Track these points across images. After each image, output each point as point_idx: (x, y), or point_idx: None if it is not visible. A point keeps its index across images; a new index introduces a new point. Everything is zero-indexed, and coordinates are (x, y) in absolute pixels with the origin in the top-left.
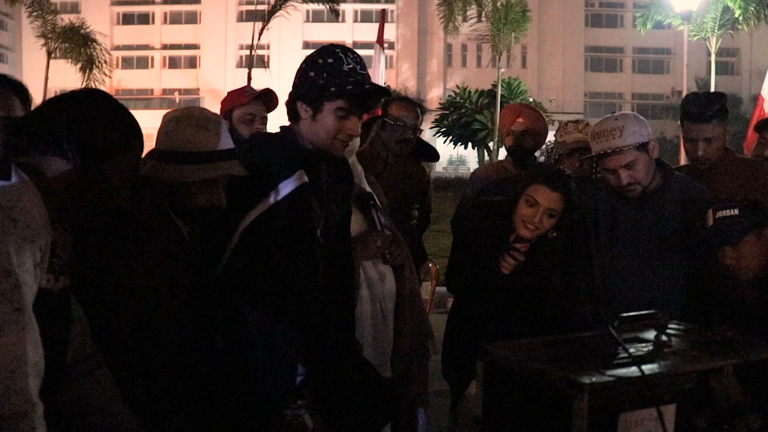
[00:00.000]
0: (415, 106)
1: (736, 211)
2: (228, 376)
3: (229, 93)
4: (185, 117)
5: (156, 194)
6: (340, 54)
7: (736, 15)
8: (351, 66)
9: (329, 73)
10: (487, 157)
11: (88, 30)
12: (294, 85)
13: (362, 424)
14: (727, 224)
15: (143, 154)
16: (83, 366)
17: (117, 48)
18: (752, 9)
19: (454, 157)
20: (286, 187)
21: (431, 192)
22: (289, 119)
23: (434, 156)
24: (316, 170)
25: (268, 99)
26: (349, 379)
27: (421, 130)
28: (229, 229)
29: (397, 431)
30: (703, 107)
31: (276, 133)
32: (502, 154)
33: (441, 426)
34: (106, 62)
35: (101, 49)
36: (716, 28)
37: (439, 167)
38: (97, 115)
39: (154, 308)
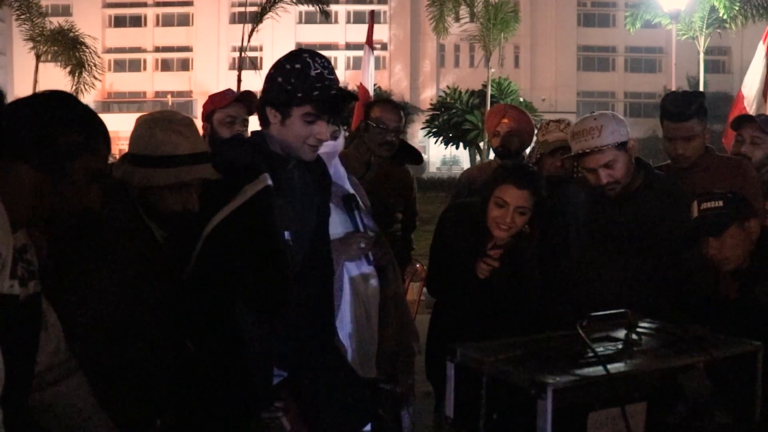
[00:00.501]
0: (397, 108)
1: (721, 203)
2: (204, 379)
3: (210, 96)
4: (157, 120)
5: (129, 198)
6: (307, 59)
7: (721, 14)
8: (318, 71)
9: (296, 78)
10: (478, 158)
11: (77, 33)
12: (263, 91)
13: (341, 425)
14: (712, 215)
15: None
16: (57, 371)
17: (109, 51)
18: (737, 8)
19: (447, 157)
20: (249, 191)
21: (416, 193)
22: (260, 124)
23: (417, 158)
24: (285, 173)
25: (248, 101)
26: (328, 379)
27: (404, 132)
28: (196, 233)
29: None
30: (682, 106)
31: (245, 137)
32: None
33: (426, 426)
34: (95, 65)
35: (90, 52)
36: (704, 27)
37: (433, 168)
38: (57, 117)
39: (128, 312)
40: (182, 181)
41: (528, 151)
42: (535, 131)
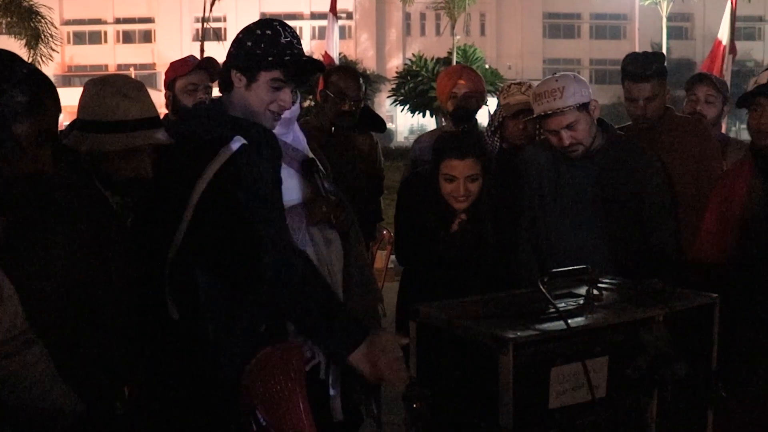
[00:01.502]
0: (356, 76)
1: None
2: (183, 349)
3: (171, 63)
4: (106, 85)
5: (81, 164)
6: (278, 27)
7: None
8: (288, 39)
9: (267, 43)
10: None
11: (31, 3)
12: (229, 54)
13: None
14: None
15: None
16: (13, 344)
17: (67, 23)
18: None
19: (415, 126)
20: (226, 152)
21: (380, 159)
22: (221, 89)
23: (380, 126)
24: (248, 137)
25: (210, 68)
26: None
27: (370, 101)
28: (176, 198)
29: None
30: (642, 67)
31: (209, 105)
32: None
33: (396, 393)
34: (52, 36)
35: (47, 23)
36: None
37: (400, 137)
38: None
39: (87, 280)
40: (133, 147)
41: (490, 113)
42: (492, 100)
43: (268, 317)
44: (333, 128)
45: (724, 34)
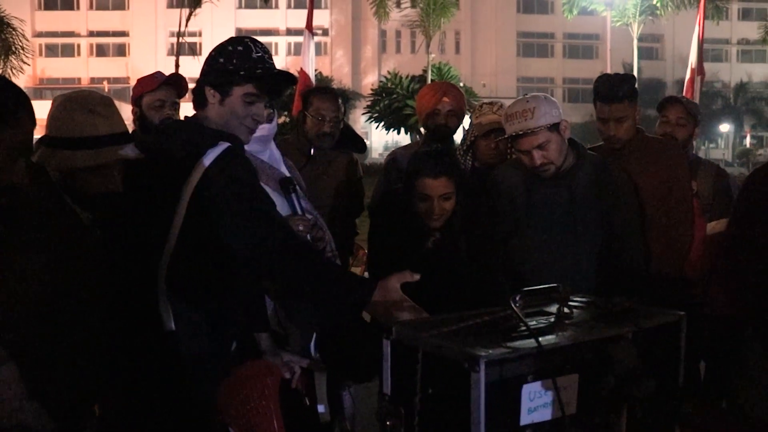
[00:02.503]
0: (335, 97)
1: None
2: (155, 367)
3: (138, 80)
4: (74, 101)
5: (50, 180)
6: (249, 43)
7: (654, 2)
8: (260, 54)
9: (238, 59)
10: None
11: (2, 14)
12: (202, 72)
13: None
14: None
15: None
16: None
17: (39, 35)
18: None
19: (389, 142)
20: (217, 149)
21: (360, 179)
22: (195, 107)
23: (360, 146)
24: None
25: (178, 84)
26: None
27: (344, 121)
28: (162, 210)
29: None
30: (614, 88)
31: (184, 120)
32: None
33: (371, 407)
34: (24, 49)
35: (18, 35)
36: (637, 14)
37: (375, 153)
38: None
39: (55, 295)
40: (103, 163)
41: (462, 133)
42: (466, 117)
43: (239, 335)
44: (312, 149)
45: (693, 58)
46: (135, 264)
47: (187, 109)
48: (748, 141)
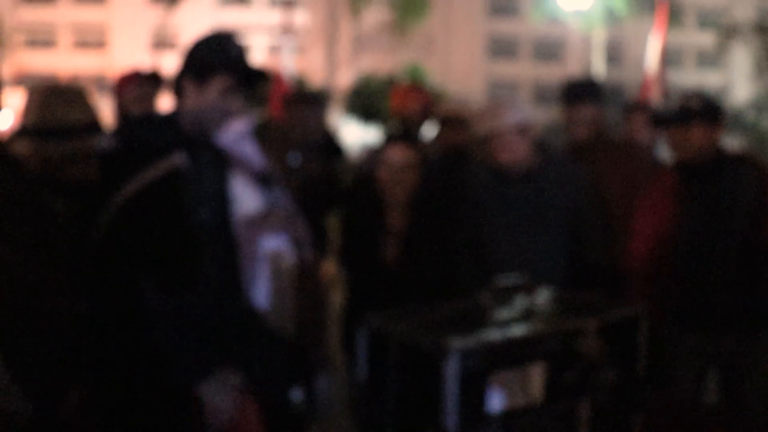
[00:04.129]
0: (316, 104)
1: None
2: (131, 356)
3: (119, 74)
4: (48, 92)
5: (23, 171)
6: (226, 36)
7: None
8: (238, 47)
9: (217, 51)
10: None
11: None
12: (180, 64)
13: (270, 387)
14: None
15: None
16: None
17: (19, 28)
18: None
19: (363, 140)
20: (161, 166)
21: (340, 185)
22: (175, 96)
23: (340, 153)
24: (197, 153)
25: (157, 78)
26: (252, 343)
27: (326, 128)
28: (101, 203)
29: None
30: (579, 91)
31: (160, 115)
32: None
33: (342, 398)
34: (2, 42)
35: None
36: (601, 20)
37: (350, 152)
38: None
39: (32, 285)
40: (77, 152)
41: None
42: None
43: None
44: (293, 157)
45: (652, 64)
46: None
47: (168, 104)
48: None
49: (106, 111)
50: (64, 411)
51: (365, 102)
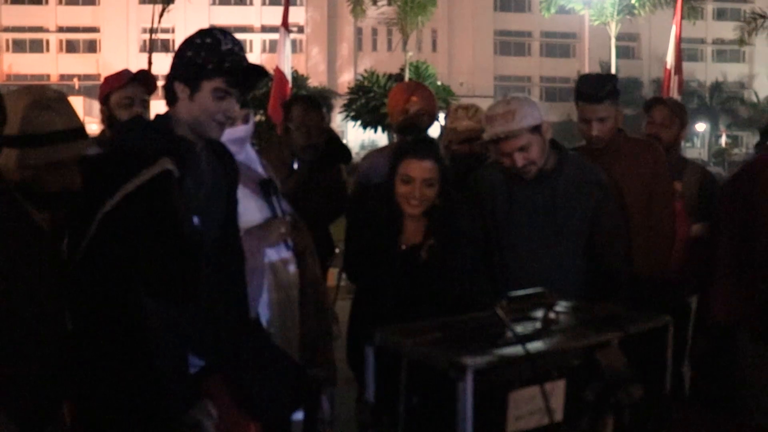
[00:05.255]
0: (318, 106)
1: None
2: (105, 368)
3: (105, 77)
4: (27, 97)
5: (2, 181)
6: (218, 35)
7: (632, 1)
8: (229, 47)
9: (207, 52)
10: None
11: None
12: (171, 66)
13: (272, 411)
14: None
15: None
16: None
17: (6, 29)
18: None
19: (366, 141)
20: (146, 174)
21: (344, 185)
22: (167, 102)
23: (346, 157)
24: (192, 156)
25: (146, 81)
26: (254, 364)
27: (330, 130)
28: (87, 215)
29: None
30: (596, 88)
31: (148, 119)
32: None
33: (349, 414)
34: None
35: None
36: (615, 13)
37: (352, 153)
38: None
39: (8, 299)
40: (59, 160)
41: (436, 136)
42: (442, 115)
43: (215, 340)
44: (296, 162)
45: (669, 58)
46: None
47: (159, 107)
48: (723, 140)
49: (95, 114)
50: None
51: (367, 102)
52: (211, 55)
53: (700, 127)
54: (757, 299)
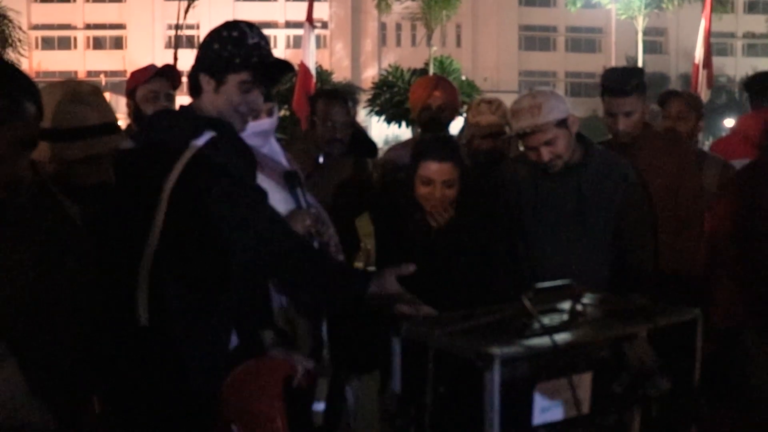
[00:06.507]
0: (344, 100)
1: None
2: (151, 359)
3: (131, 73)
4: (62, 91)
5: (37, 174)
6: (244, 29)
7: None
8: (256, 40)
9: (234, 45)
10: None
11: None
12: (197, 58)
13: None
14: None
15: None
16: None
17: (36, 27)
18: None
19: (390, 136)
20: (201, 139)
21: (370, 179)
22: (190, 94)
23: (372, 151)
24: (226, 134)
25: (171, 75)
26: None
27: (356, 123)
28: (145, 203)
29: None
30: (622, 82)
31: (174, 111)
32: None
33: (372, 406)
34: (20, 41)
35: (14, 27)
36: (643, 7)
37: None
38: None
39: (47, 291)
40: (94, 154)
41: (457, 131)
42: (463, 107)
43: (240, 330)
44: (321, 157)
45: (698, 53)
46: (122, 258)
47: (183, 101)
48: None
49: (122, 110)
50: (87, 420)
51: (392, 97)
52: (237, 49)
53: (729, 122)
54: (763, 300)
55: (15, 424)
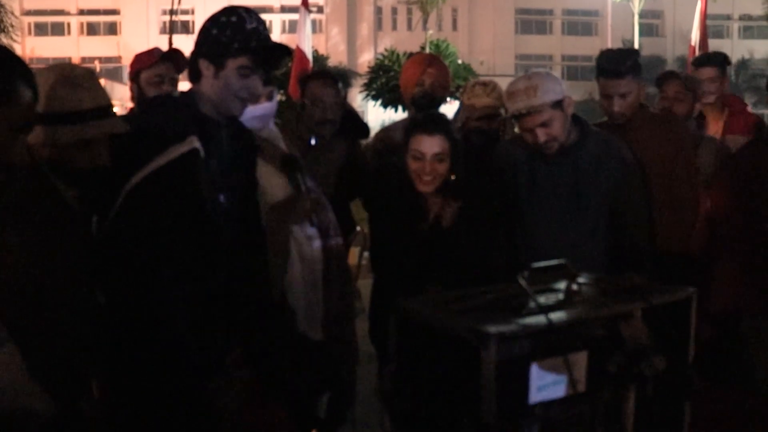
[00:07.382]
0: (335, 82)
1: None
2: (145, 347)
3: (136, 55)
4: (56, 75)
5: (32, 158)
6: (243, 13)
7: None
8: (254, 25)
9: (232, 30)
10: None
11: None
12: (196, 44)
13: (297, 393)
14: None
15: None
16: None
17: (28, 13)
18: None
19: (386, 121)
20: (174, 152)
21: (363, 167)
22: (191, 80)
23: (364, 132)
24: (215, 135)
25: (176, 59)
26: (279, 344)
27: (347, 105)
28: (113, 190)
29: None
30: (617, 63)
31: (175, 96)
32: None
33: (369, 388)
34: (12, 26)
35: (6, 13)
36: None
37: (372, 132)
38: None
39: (42, 274)
40: (88, 138)
41: (452, 112)
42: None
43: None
44: (312, 138)
45: (694, 35)
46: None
47: (188, 86)
48: None
49: (117, 97)
50: (87, 406)
51: (387, 81)
52: (236, 34)
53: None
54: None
55: (14, 408)
